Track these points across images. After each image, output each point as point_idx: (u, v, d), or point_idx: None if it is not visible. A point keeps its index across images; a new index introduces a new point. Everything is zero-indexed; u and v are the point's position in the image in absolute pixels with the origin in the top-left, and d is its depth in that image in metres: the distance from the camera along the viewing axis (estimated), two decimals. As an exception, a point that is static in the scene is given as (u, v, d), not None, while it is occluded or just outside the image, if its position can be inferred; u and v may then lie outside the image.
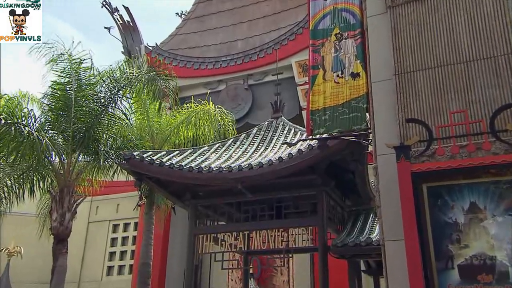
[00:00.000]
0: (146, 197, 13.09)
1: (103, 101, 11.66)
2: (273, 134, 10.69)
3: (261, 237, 9.21)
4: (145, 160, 9.19)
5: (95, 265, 20.29)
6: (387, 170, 4.54)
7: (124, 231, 20.89)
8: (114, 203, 21.01)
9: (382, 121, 4.83)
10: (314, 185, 9.01)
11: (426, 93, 4.61)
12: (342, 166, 9.33)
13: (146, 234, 12.59)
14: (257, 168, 8.50)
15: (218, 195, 9.89)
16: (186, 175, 8.98)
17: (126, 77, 11.85)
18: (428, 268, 3.86)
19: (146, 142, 12.71)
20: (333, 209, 9.81)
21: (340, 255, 8.95)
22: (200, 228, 10.04)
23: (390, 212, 4.45)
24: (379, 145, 4.71)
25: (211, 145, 10.74)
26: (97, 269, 20.27)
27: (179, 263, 17.75)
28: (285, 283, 17.22)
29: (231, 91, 18.45)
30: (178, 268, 17.76)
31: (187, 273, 9.68)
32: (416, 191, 3.99)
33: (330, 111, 5.58)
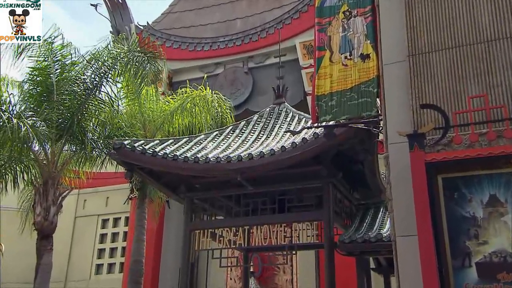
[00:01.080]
0: (137, 189, 13.12)
1: (89, 84, 11.61)
2: (275, 122, 10.67)
3: (262, 232, 9.25)
4: (136, 150, 9.19)
5: (83, 263, 20.41)
6: (399, 160, 4.52)
7: (114, 227, 20.98)
8: (103, 196, 21.06)
9: (394, 106, 4.80)
10: (320, 177, 9.02)
11: (443, 76, 4.58)
12: (350, 156, 9.32)
13: (138, 229, 12.64)
14: (258, 158, 8.50)
15: (216, 187, 9.91)
16: (181, 166, 8.99)
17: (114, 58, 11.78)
18: (443, 266, 3.87)
19: (137, 130, 12.71)
20: (340, 203, 9.84)
21: (347, 252, 8.98)
22: (196, 223, 10.07)
23: (402, 206, 4.45)
24: (391, 133, 4.69)
25: (208, 134, 10.74)
26: (85, 267, 20.39)
27: (173, 260, 17.84)
28: (288, 282, 17.33)
29: (230, 75, 18.39)
30: (173, 266, 17.86)
31: (182, 272, 9.74)
32: (430, 183, 3.98)
33: (338, 96, 5.55)
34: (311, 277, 16.30)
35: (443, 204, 4.00)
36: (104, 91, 11.98)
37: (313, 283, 16.10)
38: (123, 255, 19.60)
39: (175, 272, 17.38)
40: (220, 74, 18.55)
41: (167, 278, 18.09)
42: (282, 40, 14.49)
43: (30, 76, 11.37)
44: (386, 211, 9.27)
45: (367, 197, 10.42)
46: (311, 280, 16.27)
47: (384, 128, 4.88)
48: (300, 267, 17.17)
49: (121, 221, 20.82)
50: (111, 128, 12.28)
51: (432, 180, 4.02)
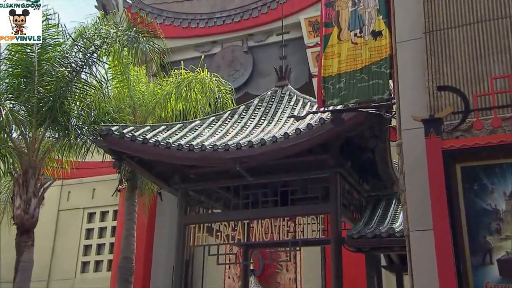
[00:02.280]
0: (127, 180, 13.15)
1: (73, 65, 11.57)
2: (278, 106, 10.66)
3: (263, 227, 9.29)
4: (125, 137, 9.19)
5: (67, 261, 20.53)
6: (413, 148, 4.52)
7: (101, 221, 21.07)
8: (89, 188, 21.13)
9: (408, 89, 4.79)
10: (327, 166, 9.03)
11: (463, 54, 4.56)
12: (360, 144, 9.32)
13: (127, 224, 12.69)
14: (258, 146, 8.51)
15: (213, 178, 9.93)
16: (175, 155, 9.00)
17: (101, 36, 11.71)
18: (462, 263, 3.88)
19: (126, 115, 12.70)
20: (349, 195, 9.86)
21: (356, 248, 9.03)
22: (191, 217, 10.10)
23: (416, 198, 4.46)
24: (405, 118, 4.69)
25: (204, 119, 10.73)
26: (69, 265, 20.51)
27: (167, 257, 17.94)
28: (292, 281, 17.45)
29: (228, 55, 18.32)
30: (166, 264, 17.96)
31: (176, 270, 9.79)
32: (448, 173, 3.98)
33: (346, 78, 5.54)
34: (316, 275, 16.41)
35: (461, 196, 4.01)
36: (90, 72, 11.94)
37: (318, 282, 16.22)
38: (111, 252, 19.71)
39: (168, 270, 17.49)
40: (217, 53, 18.48)
41: (160, 277, 18.21)
42: (285, 16, 14.40)
43: (8, 52, 11.32)
44: (399, 204, 9.29)
45: (378, 189, 10.44)
46: (316, 278, 16.38)
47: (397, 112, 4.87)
48: (305, 264, 17.28)
49: (109, 214, 20.91)
50: (98, 113, 12.27)
51: (450, 169, 4.02)
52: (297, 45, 16.76)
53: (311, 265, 16.88)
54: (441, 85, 4.49)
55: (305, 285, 17.19)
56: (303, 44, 16.76)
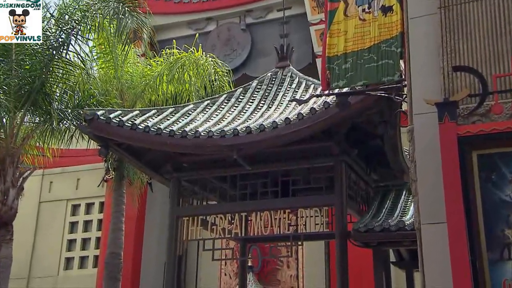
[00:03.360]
0: (114, 169, 13.15)
1: (53, 42, 11.49)
2: (278, 89, 10.64)
3: (262, 220, 9.32)
4: (112, 122, 9.18)
5: (49, 257, 20.58)
6: (426, 134, 4.53)
7: (86, 213, 21.11)
8: (73, 178, 21.13)
9: (421, 70, 4.79)
10: (331, 154, 9.04)
11: (481, 31, 4.55)
12: (368, 130, 9.32)
13: (115, 216, 12.72)
14: (257, 133, 8.51)
15: (208, 167, 9.94)
16: (166, 142, 9.00)
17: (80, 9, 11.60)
18: (477, 258, 3.91)
19: (113, 98, 12.67)
20: (355, 185, 9.89)
21: (363, 243, 9.07)
22: (184, 209, 10.13)
23: (428, 188, 4.47)
24: (417, 101, 4.69)
25: (198, 103, 10.72)
26: (52, 261, 20.56)
27: (157, 253, 18.00)
28: (293, 278, 17.55)
29: (224, 33, 18.24)
30: (157, 260, 18.02)
31: (168, 266, 9.83)
32: (463, 161, 4.00)
33: (353, 58, 5.54)
34: (319, 272, 16.49)
35: (478, 186, 4.02)
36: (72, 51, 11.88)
37: (322, 279, 16.30)
38: (97, 247, 19.77)
39: (159, 267, 17.54)
40: (212, 31, 18.40)
41: (150, 274, 18.29)
42: (287, -10, 14.31)
43: None
44: (410, 195, 9.31)
45: (387, 179, 10.46)
46: (319, 275, 16.46)
47: (409, 95, 4.87)
48: (307, 260, 17.36)
49: (95, 206, 20.94)
50: (82, 96, 12.23)
51: (466, 157, 4.03)
52: (300, 22, 16.68)
53: (314, 261, 16.94)
54: (457, 65, 4.49)
55: (308, 282, 17.28)
56: (306, 21, 16.69)
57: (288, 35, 11.66)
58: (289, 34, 11.81)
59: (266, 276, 17.77)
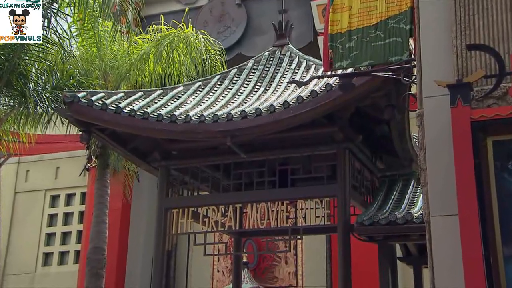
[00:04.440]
0: (97, 157, 13.14)
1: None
2: (277, 70, 10.63)
3: (258, 212, 9.35)
4: (94, 105, 9.16)
5: (26, 252, 20.60)
6: (437, 119, 4.53)
7: (66, 205, 21.12)
8: (52, 166, 21.11)
9: (432, 48, 4.78)
10: (334, 141, 9.06)
11: (498, 6, 4.54)
12: (373, 115, 9.33)
13: (98, 208, 12.73)
14: (253, 117, 8.51)
15: (199, 154, 9.95)
16: (154, 127, 8.99)
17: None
18: (491, 254, 3.93)
19: (95, 79, 12.64)
20: (359, 174, 9.92)
21: (367, 237, 9.11)
22: (174, 200, 10.14)
23: (439, 178, 4.48)
24: (427, 83, 4.69)
25: (188, 85, 10.70)
26: (29, 257, 20.59)
27: (144, 248, 18.06)
28: (292, 274, 17.64)
29: (217, 8, 18.15)
30: (144, 255, 18.09)
31: (156, 262, 9.87)
32: (477, 148, 4.01)
33: (358, 36, 5.53)
34: (320, 268, 16.59)
35: (493, 175, 4.04)
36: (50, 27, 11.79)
37: (322, 276, 16.41)
38: (79, 242, 19.81)
39: (146, 263, 17.63)
40: (204, 6, 18.31)
41: (137, 270, 18.35)
42: (286, -39, 14.25)
43: None
44: (418, 185, 9.35)
45: (394, 167, 10.49)
46: (320, 272, 16.56)
47: (419, 77, 4.86)
48: (307, 256, 17.45)
49: (76, 197, 20.94)
50: (61, 76, 12.19)
51: (480, 144, 4.04)
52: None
53: (314, 257, 17.03)
54: (472, 44, 4.48)
55: (307, 280, 17.38)
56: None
57: (287, 11, 11.65)
58: (288, 10, 11.80)
59: (262, 272, 17.86)
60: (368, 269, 11.38)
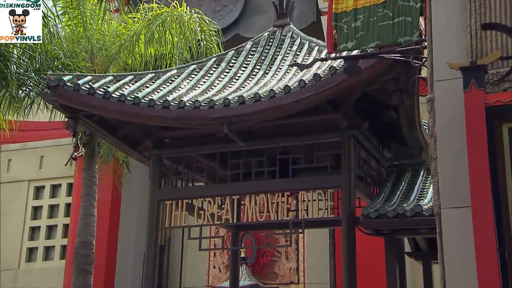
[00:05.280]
0: (84, 145, 13.14)
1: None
2: (277, 52, 10.61)
3: (257, 204, 9.36)
4: (81, 89, 9.14)
5: (8, 247, 20.62)
6: (448, 104, 4.53)
7: (52, 197, 21.15)
8: (36, 155, 21.12)
9: (444, 28, 4.77)
10: (338, 128, 9.05)
11: (515, -17, 4.52)
12: (381, 100, 9.33)
13: (85, 200, 12.75)
14: (252, 103, 8.50)
15: (194, 142, 9.95)
16: (145, 113, 8.98)
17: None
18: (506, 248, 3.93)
19: (82, 61, 12.61)
20: (365, 164, 9.93)
21: (374, 230, 9.13)
22: (167, 191, 10.15)
23: (450, 167, 4.49)
24: (438, 65, 4.68)
25: (182, 68, 10.67)
26: (11, 252, 20.63)
27: (136, 242, 18.12)
28: (293, 271, 17.72)
29: (212, -15, 18.09)
30: (135, 250, 18.15)
31: (147, 257, 9.89)
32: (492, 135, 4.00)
33: (365, 15, 5.52)
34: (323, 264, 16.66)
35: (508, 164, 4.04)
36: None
37: (326, 272, 16.48)
38: (65, 236, 19.85)
39: (138, 258, 17.67)
40: (199, -17, 18.24)
41: (127, 266, 18.41)
42: None
43: None
44: (428, 175, 9.35)
45: (402, 157, 10.50)
46: (323, 268, 16.64)
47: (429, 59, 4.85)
48: (309, 251, 17.52)
49: (62, 189, 20.97)
50: (45, 58, 12.13)
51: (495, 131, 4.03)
52: (302, -27, 16.55)
53: (317, 252, 17.10)
54: (487, 23, 4.46)
55: (309, 276, 17.45)
56: (309, -28, 16.58)
57: (288, -12, 11.56)
58: (289, -13, 11.71)
59: (261, 268, 17.94)
60: (374, 265, 11.42)
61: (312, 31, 13.83)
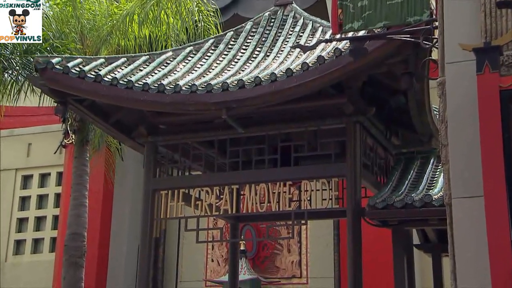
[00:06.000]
0: (74, 132, 13.14)
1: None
2: (278, 33, 10.59)
3: (258, 194, 9.37)
4: (71, 72, 9.13)
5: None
6: (460, 88, 4.53)
7: (41, 186, 21.16)
8: (23, 143, 21.11)
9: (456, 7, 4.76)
10: (343, 114, 9.05)
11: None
12: (388, 84, 9.32)
13: (76, 190, 12.77)
14: (252, 87, 8.49)
15: (191, 129, 9.95)
16: (139, 98, 8.97)
17: None
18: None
19: (71, 43, 12.59)
20: (372, 151, 9.93)
21: (381, 222, 9.14)
22: (162, 181, 10.17)
23: (462, 155, 4.50)
24: (450, 47, 4.67)
25: (178, 50, 10.66)
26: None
27: (129, 234, 18.16)
28: (295, 264, 17.77)
29: (210, -39, 18.00)
30: (129, 243, 18.19)
31: (142, 250, 9.92)
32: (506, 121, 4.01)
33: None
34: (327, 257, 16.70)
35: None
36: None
37: (330, 265, 16.53)
38: (55, 227, 19.90)
39: (132, 251, 17.72)
40: (195, -41, 18.17)
41: (121, 259, 18.46)
42: None
43: None
44: (439, 163, 9.36)
45: (411, 144, 10.51)
46: (327, 261, 16.68)
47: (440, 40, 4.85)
48: (312, 243, 17.56)
49: (51, 178, 20.99)
50: (32, 39, 12.11)
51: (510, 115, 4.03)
52: (305, -51, 16.49)
53: (321, 245, 17.14)
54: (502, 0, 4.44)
55: (313, 270, 17.49)
56: None
57: (290, -35, 11.52)
58: (291, -37, 11.66)
59: (262, 262, 17.98)
60: (381, 258, 11.47)
61: (316, 10, 13.77)
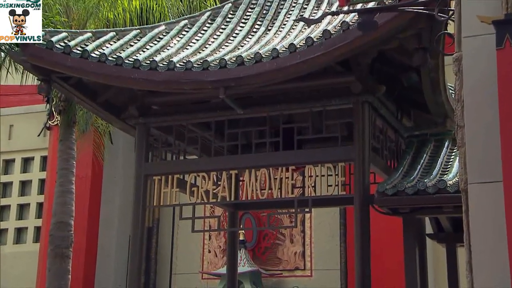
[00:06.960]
0: (60, 113, 13.14)
1: None
2: (281, 5, 10.58)
3: (258, 180, 9.38)
4: (55, 47, 9.13)
5: (-25, 229, 20.79)
6: (478, 64, 4.52)
7: (23, 171, 21.21)
8: (5, 124, 21.11)
9: (474, -24, 4.73)
10: (351, 93, 9.04)
11: None
12: (400, 61, 9.31)
13: (62, 175, 12.79)
14: (252, 64, 8.48)
15: (186, 110, 9.95)
16: (130, 75, 8.97)
17: None
18: (542, 228, 3.95)
19: (56, 15, 12.55)
20: (382, 134, 9.94)
21: (391, 209, 9.16)
22: (155, 165, 10.18)
23: (479, 137, 4.50)
24: (467, 19, 4.66)
25: (171, 24, 10.64)
26: (-22, 234, 20.79)
27: (120, 223, 18.21)
28: (298, 255, 17.84)
29: None
30: (119, 232, 18.25)
31: (133, 240, 9.95)
32: (528, 100, 4.00)
33: (382, -39, 5.48)
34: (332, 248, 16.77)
35: (546, 133, 4.03)
36: None
37: (335, 257, 16.60)
38: (39, 216, 19.97)
39: (122, 241, 17.79)
40: None
41: (110, 250, 18.54)
42: None
43: None
44: (454, 146, 9.37)
45: (424, 125, 10.51)
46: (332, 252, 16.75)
47: (457, 12, 4.83)
48: (317, 233, 17.61)
49: (35, 162, 21.03)
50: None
51: (531, 94, 4.03)
52: None
53: (326, 234, 17.21)
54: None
55: (317, 261, 17.57)
56: None
57: None
58: None
59: (262, 253, 18.05)
60: (390, 249, 11.51)
61: (321, -19, 13.73)
